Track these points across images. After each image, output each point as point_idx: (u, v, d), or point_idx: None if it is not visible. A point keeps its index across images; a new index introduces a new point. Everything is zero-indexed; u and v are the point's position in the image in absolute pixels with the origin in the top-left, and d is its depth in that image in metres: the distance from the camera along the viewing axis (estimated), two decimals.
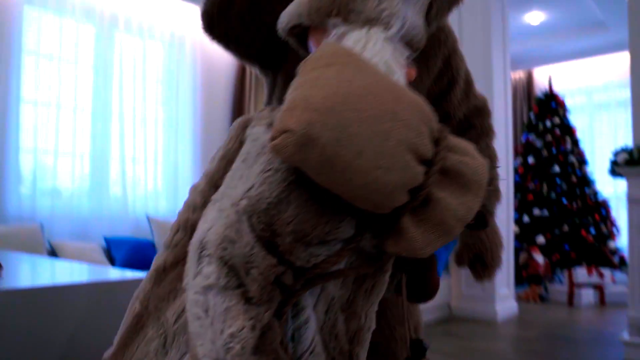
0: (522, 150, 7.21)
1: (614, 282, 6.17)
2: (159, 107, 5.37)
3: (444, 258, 1.17)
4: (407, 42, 0.92)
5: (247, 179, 0.77)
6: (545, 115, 7.12)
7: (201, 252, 0.74)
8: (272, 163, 0.78)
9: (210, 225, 0.75)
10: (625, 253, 5.10)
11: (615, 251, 6.46)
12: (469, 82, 1.43)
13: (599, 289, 5.95)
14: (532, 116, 7.27)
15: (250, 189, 0.75)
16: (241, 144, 0.88)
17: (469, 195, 0.81)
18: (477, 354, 3.88)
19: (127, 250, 4.52)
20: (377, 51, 0.86)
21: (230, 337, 0.72)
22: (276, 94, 1.29)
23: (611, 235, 6.59)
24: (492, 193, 1.41)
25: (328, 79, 0.73)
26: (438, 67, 1.34)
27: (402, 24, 0.90)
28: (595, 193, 6.83)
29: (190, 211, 0.93)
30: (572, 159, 6.89)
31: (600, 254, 6.34)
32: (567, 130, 7.05)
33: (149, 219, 4.93)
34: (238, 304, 0.74)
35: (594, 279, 6.00)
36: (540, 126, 7.09)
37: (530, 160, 7.00)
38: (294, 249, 0.78)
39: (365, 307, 0.90)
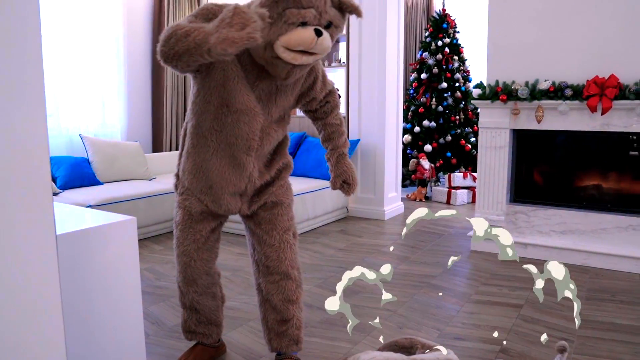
0: (416, 66, 8.02)
1: None
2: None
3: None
4: None
5: None
6: (437, 34, 7.90)
7: None
8: None
9: None
10: None
11: None
12: (324, 76, 2.38)
13: (472, 190, 7.10)
14: (427, 35, 8.04)
15: None
16: None
17: None
18: (363, 248, 4.85)
19: (66, 168, 5.09)
20: None
21: None
22: None
23: None
24: (345, 142, 2.44)
25: None
26: (308, 73, 2.27)
27: None
28: (476, 107, 7.82)
29: None
30: (458, 76, 7.80)
31: (475, 160, 7.45)
32: (455, 49, 7.90)
33: (82, 138, 5.47)
34: None
35: (468, 181, 7.13)
36: (433, 45, 7.88)
37: (424, 76, 7.82)
38: None
39: None
